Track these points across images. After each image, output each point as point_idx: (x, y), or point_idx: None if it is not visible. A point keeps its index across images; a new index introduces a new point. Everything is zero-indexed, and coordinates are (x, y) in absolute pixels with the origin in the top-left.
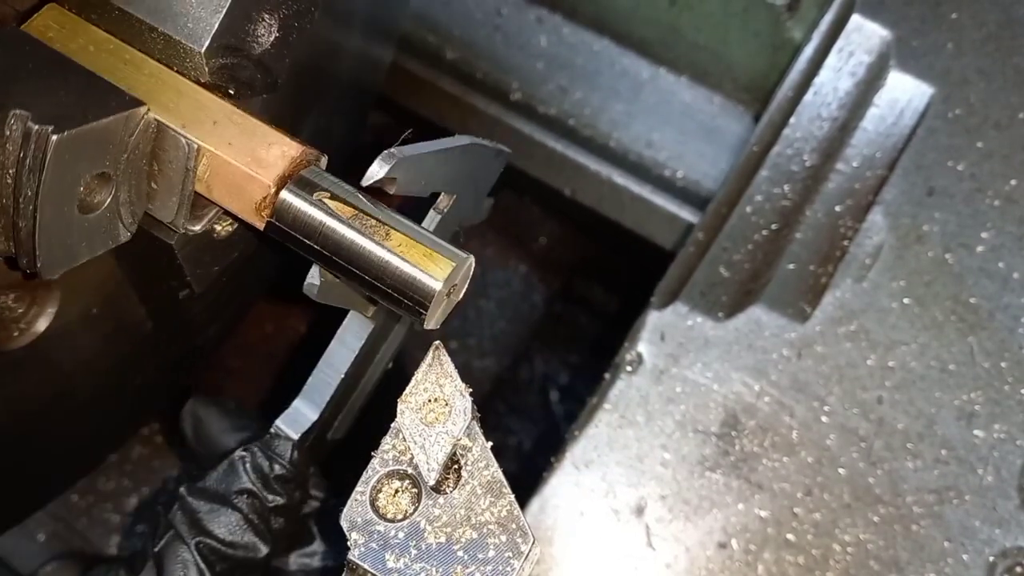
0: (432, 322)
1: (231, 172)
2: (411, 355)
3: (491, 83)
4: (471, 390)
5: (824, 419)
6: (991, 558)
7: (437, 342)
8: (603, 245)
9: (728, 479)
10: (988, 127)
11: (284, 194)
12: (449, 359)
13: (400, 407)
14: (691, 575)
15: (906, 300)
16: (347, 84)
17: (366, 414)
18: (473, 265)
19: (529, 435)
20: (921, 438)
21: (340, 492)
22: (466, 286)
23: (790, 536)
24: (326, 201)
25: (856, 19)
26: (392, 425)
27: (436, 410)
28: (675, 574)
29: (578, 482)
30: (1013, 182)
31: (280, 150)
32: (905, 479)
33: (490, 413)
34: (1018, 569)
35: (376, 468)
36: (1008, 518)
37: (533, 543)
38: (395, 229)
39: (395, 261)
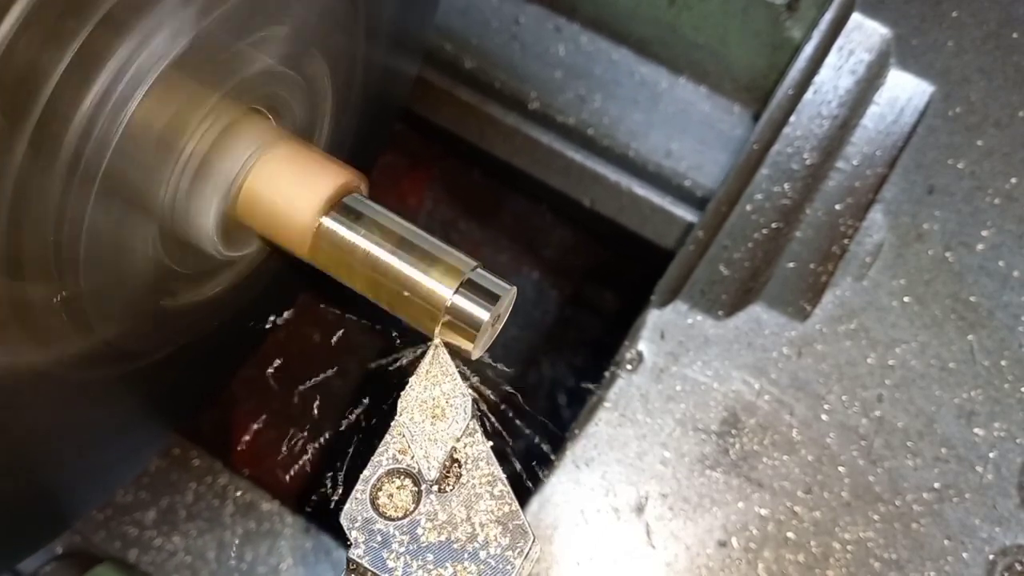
0: (477, 351)
1: (269, 206)
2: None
3: (509, 92)
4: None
5: (824, 417)
6: (991, 556)
7: (437, 341)
8: (616, 251)
9: (728, 477)
10: (988, 125)
11: (323, 227)
12: (449, 358)
13: (400, 406)
14: (691, 573)
15: (906, 298)
16: (373, 97)
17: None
18: (515, 295)
19: (536, 439)
20: (921, 436)
21: None
22: (507, 315)
23: (790, 534)
24: (366, 235)
25: (856, 17)
26: (392, 424)
27: (436, 409)
28: (675, 572)
29: (578, 481)
30: (1013, 180)
31: (319, 183)
32: (905, 477)
33: (498, 418)
34: (1018, 567)
35: (376, 467)
36: (1008, 516)
37: (533, 541)
38: (438, 262)
39: (444, 291)
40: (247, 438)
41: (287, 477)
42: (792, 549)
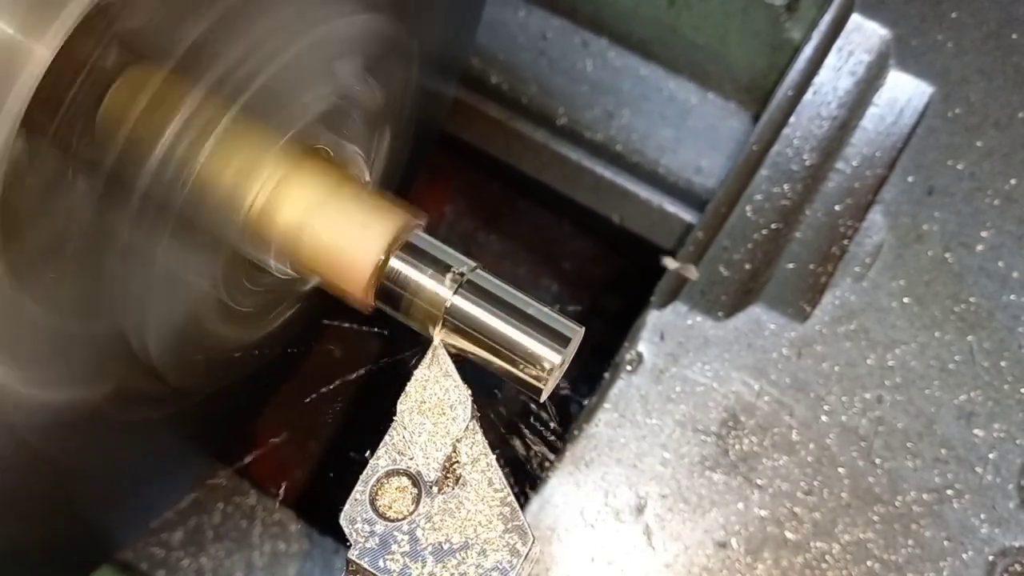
0: (546, 393)
1: (330, 250)
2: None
3: (536, 108)
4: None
5: (824, 418)
6: (991, 557)
7: (437, 341)
8: (636, 261)
9: (728, 478)
10: (988, 126)
11: (391, 267)
12: (449, 359)
13: (400, 407)
14: (691, 574)
15: (906, 299)
16: (420, 121)
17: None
18: (583, 335)
19: (547, 446)
20: (921, 437)
21: None
22: (572, 356)
23: (790, 535)
24: (434, 273)
25: (856, 18)
26: (392, 424)
27: (436, 410)
28: (675, 574)
29: (578, 482)
30: (1013, 181)
31: (381, 224)
32: (905, 478)
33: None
34: (1018, 568)
35: (376, 467)
36: (1008, 517)
37: (533, 542)
38: (506, 299)
39: (516, 335)
40: (268, 453)
41: (305, 492)
42: (792, 550)
